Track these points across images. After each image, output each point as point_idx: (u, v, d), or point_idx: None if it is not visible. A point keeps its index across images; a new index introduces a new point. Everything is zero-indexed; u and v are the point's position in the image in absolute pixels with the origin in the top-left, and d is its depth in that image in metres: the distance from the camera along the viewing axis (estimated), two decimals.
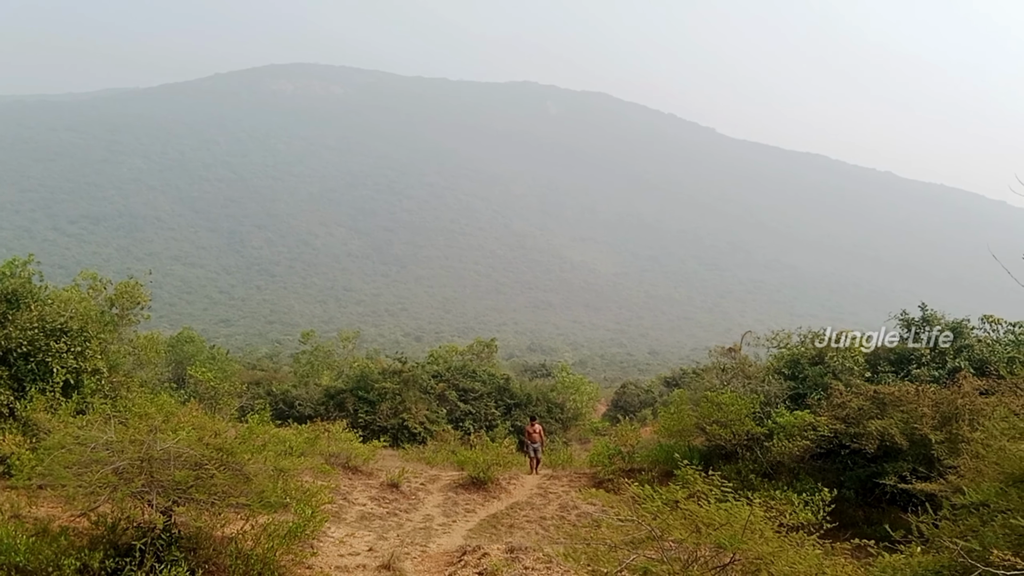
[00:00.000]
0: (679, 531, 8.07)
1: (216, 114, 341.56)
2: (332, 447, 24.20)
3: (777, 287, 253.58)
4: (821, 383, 23.89)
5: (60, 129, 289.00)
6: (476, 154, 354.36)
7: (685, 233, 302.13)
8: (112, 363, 19.76)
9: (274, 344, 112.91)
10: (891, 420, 18.59)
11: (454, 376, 42.75)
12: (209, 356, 42.18)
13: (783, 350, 28.50)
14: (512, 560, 14.45)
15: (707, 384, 28.09)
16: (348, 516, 19.27)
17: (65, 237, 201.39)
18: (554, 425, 43.24)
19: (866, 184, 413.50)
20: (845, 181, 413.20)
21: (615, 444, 28.85)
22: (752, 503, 8.15)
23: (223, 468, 11.89)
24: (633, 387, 65.37)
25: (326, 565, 14.12)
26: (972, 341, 25.01)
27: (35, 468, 12.63)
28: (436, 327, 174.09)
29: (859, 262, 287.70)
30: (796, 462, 20.88)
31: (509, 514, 21.67)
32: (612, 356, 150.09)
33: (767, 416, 22.56)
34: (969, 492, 7.40)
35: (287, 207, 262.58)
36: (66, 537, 11.76)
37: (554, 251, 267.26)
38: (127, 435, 11.90)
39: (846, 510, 18.02)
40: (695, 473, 9.04)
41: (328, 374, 47.65)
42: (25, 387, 17.28)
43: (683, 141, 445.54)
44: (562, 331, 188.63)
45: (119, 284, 22.37)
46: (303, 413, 37.08)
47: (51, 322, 17.98)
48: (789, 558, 7.54)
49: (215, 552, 12.50)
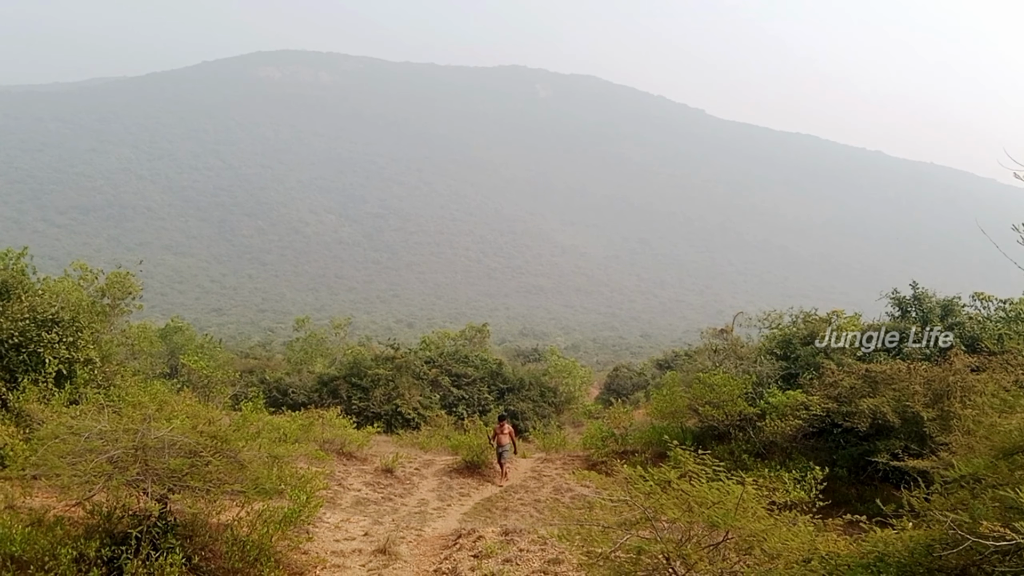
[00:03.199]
0: (672, 511, 8.12)
1: (204, 102, 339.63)
2: (326, 433, 24.24)
3: (768, 268, 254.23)
4: (813, 362, 24.01)
5: (47, 119, 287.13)
6: (465, 139, 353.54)
7: (676, 216, 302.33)
8: (105, 353, 19.72)
9: (266, 332, 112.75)
10: (883, 398, 18.69)
11: (447, 362, 42.78)
12: (199, 345, 42.08)
13: (775, 330, 28.64)
14: (507, 542, 14.53)
15: (699, 366, 28.20)
16: (343, 501, 19.31)
17: (55, 228, 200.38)
18: (547, 409, 43.34)
19: (856, 163, 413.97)
20: (835, 161, 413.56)
21: (608, 426, 28.96)
22: (744, 482, 8.20)
23: (218, 455, 11.91)
24: (625, 370, 65.53)
25: (322, 550, 14.18)
26: (963, 318, 25.15)
27: (29, 459, 12.63)
28: (428, 313, 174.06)
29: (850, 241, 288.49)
30: (789, 441, 21.00)
31: (503, 497, 21.75)
32: (604, 340, 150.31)
33: (759, 396, 22.68)
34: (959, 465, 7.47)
35: (277, 195, 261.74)
36: (62, 527, 11.77)
37: (544, 235, 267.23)
38: (121, 424, 11.89)
39: (839, 488, 18.14)
40: (687, 453, 9.08)
41: (321, 361, 47.64)
42: (17, 378, 17.24)
43: (673, 123, 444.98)
44: (554, 315, 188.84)
45: (110, 274, 22.29)
46: (297, 400, 37.07)
47: (42, 312, 17.93)
48: (782, 535, 7.60)
49: (211, 539, 12.53)
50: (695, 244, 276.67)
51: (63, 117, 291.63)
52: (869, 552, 6.03)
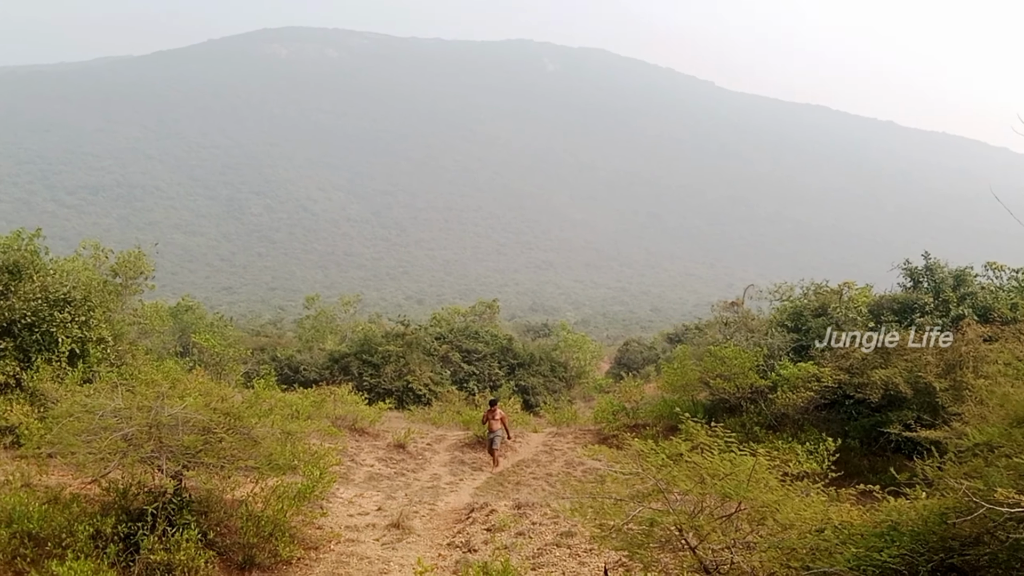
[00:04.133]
0: (684, 483, 8.13)
1: (211, 81, 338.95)
2: (338, 410, 24.34)
3: (779, 240, 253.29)
4: (824, 334, 23.94)
5: (54, 99, 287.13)
6: (473, 115, 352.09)
7: (685, 189, 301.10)
8: (117, 332, 19.82)
9: (277, 310, 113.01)
10: (895, 369, 18.66)
11: (457, 338, 42.84)
12: (209, 324, 42.22)
13: (786, 303, 28.54)
14: (520, 516, 14.60)
15: (710, 339, 28.15)
16: (356, 477, 19.43)
17: (64, 208, 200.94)
18: (558, 384, 43.42)
19: (867, 134, 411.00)
20: (846, 132, 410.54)
21: (619, 401, 29.00)
22: (756, 454, 8.20)
23: (231, 432, 11.98)
24: (636, 344, 65.53)
25: (336, 525, 14.27)
26: (976, 288, 25.02)
27: (44, 437, 12.74)
28: (438, 290, 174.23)
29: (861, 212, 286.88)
30: (800, 413, 21.00)
31: (515, 471, 21.85)
32: (614, 314, 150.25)
33: (770, 369, 22.65)
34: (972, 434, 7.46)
35: (285, 173, 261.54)
36: (78, 504, 11.88)
37: (554, 210, 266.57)
38: (135, 402, 11.97)
39: (851, 459, 18.14)
40: (699, 426, 9.08)
41: (332, 339, 47.74)
42: (31, 357, 17.35)
43: (682, 95, 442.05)
44: (563, 290, 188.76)
45: (122, 253, 22.33)
46: (308, 378, 37.21)
47: (54, 292, 18.00)
48: (795, 505, 7.60)
49: (226, 515, 12.63)
50: (705, 217, 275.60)
51: (70, 97, 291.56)
52: (882, 521, 6.03)
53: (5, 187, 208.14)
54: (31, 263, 18.52)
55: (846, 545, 6.16)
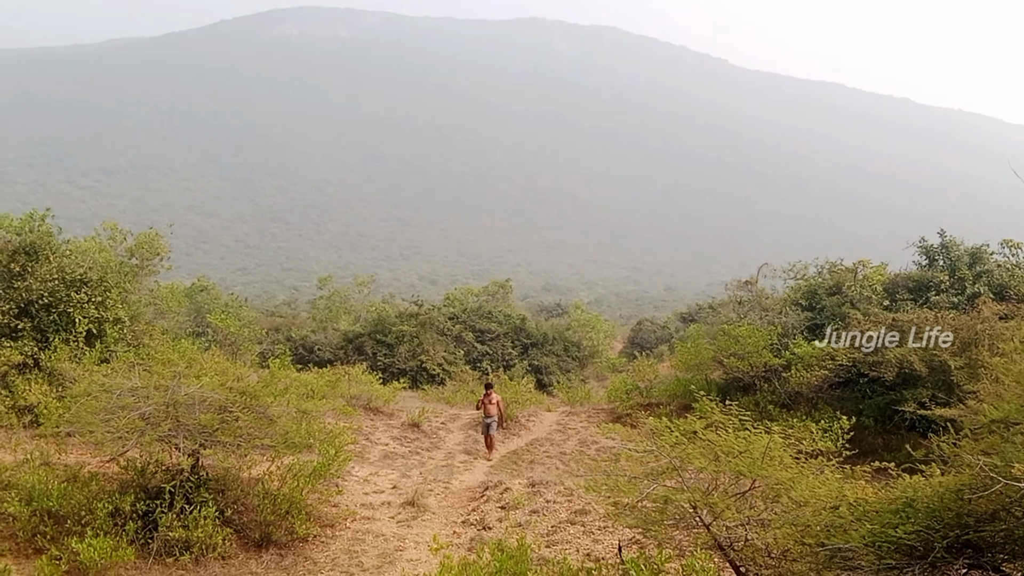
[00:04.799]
0: (699, 460, 8.14)
1: (223, 61, 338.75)
2: (353, 389, 24.47)
3: (793, 219, 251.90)
4: (839, 313, 23.86)
5: (67, 81, 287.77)
6: (484, 94, 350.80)
7: (698, 168, 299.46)
8: (133, 312, 19.94)
9: (291, 291, 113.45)
10: (910, 347, 18.57)
11: (470, 318, 42.92)
12: (224, 305, 42.43)
13: (800, 281, 28.45)
14: (534, 494, 14.66)
15: (724, 318, 28.13)
16: (371, 455, 19.55)
17: (79, 190, 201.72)
18: (571, 363, 43.48)
19: (883, 111, 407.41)
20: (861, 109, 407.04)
21: (632, 380, 29.06)
22: (771, 432, 8.20)
23: (247, 411, 12.05)
24: (649, 324, 65.49)
25: (351, 503, 14.38)
26: (992, 266, 24.87)
27: (63, 416, 12.86)
28: (451, 270, 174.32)
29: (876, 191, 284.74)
30: (814, 392, 20.97)
31: (529, 450, 21.94)
32: (627, 294, 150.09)
33: (785, 347, 22.60)
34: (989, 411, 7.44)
35: (298, 154, 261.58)
36: (96, 482, 12.00)
37: (566, 190, 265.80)
38: (152, 381, 12.06)
39: (865, 438, 18.12)
40: (713, 404, 9.08)
41: (346, 319, 47.93)
42: (49, 338, 17.49)
43: (695, 73, 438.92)
44: (576, 270, 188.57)
45: (139, 235, 22.45)
46: (323, 358, 37.41)
47: (70, 273, 18.12)
48: (809, 483, 7.61)
49: (243, 493, 12.74)
50: (718, 197, 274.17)
51: (83, 79, 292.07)
52: (897, 498, 6.03)
53: (20, 169, 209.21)
54: (47, 244, 18.63)
55: (861, 522, 6.16)
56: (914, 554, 5.76)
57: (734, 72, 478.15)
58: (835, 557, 6.30)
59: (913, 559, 5.80)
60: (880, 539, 5.78)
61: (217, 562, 11.42)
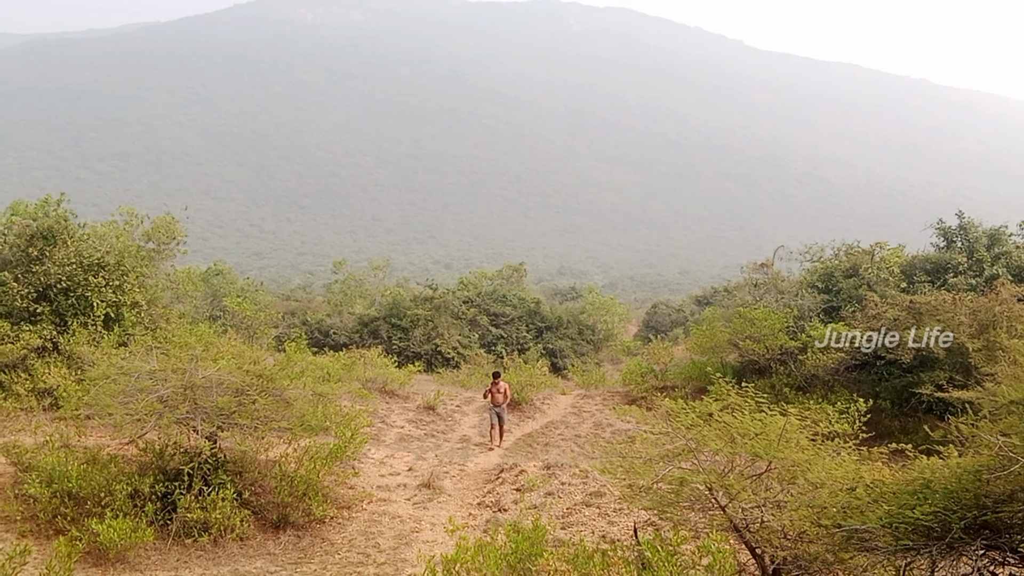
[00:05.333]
0: (715, 442, 8.13)
1: (237, 46, 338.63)
2: (368, 372, 24.56)
3: (809, 201, 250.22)
4: (856, 295, 23.74)
5: (84, 67, 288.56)
6: (498, 76, 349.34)
7: (714, 150, 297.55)
8: (150, 296, 20.07)
9: (306, 275, 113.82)
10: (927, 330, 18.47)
11: (485, 301, 42.92)
12: (240, 289, 42.62)
13: (816, 264, 28.32)
14: (549, 476, 14.69)
15: (739, 301, 28.03)
16: (387, 438, 19.64)
17: (96, 175, 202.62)
18: (586, 346, 43.46)
19: (900, 92, 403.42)
20: (879, 90, 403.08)
21: (647, 363, 29.04)
22: (787, 414, 8.19)
23: (264, 394, 12.15)
24: (664, 307, 65.32)
25: (368, 485, 14.45)
26: (1010, 248, 24.67)
27: (82, 399, 12.98)
28: (465, 254, 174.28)
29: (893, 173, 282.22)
30: (830, 374, 20.91)
31: (544, 433, 21.99)
32: (642, 277, 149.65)
33: (801, 330, 22.52)
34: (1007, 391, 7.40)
35: (312, 138, 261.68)
36: (116, 464, 12.12)
37: (580, 173, 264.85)
38: (169, 364, 12.16)
39: (882, 420, 18.07)
40: (729, 386, 9.05)
41: (361, 303, 48.04)
42: (67, 321, 17.63)
43: (710, 56, 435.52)
44: (591, 254, 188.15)
45: (156, 219, 22.55)
46: (338, 341, 37.52)
47: (88, 257, 18.24)
48: (825, 465, 7.59)
49: (260, 475, 12.84)
50: (734, 179, 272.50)
51: (99, 64, 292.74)
52: (915, 479, 6.01)
53: (38, 154, 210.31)
54: (64, 228, 18.76)
55: (878, 503, 6.14)
56: (931, 535, 5.75)
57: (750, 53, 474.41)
58: (852, 538, 6.29)
59: (930, 540, 5.78)
60: (897, 520, 5.76)
61: (235, 543, 11.53)
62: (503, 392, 19.42)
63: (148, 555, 10.96)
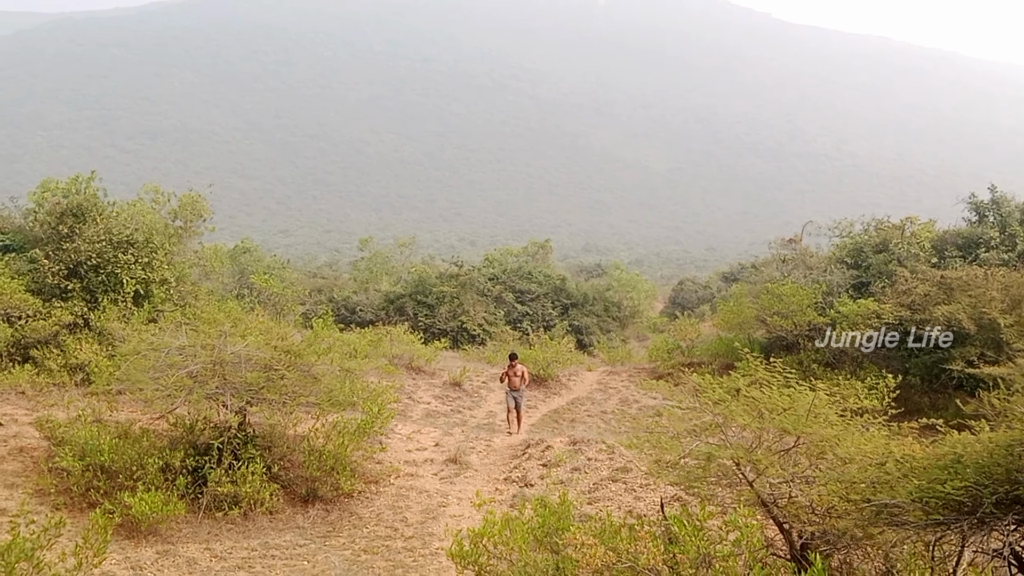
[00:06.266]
0: (742, 417, 8.09)
1: (261, 23, 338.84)
2: (395, 349, 24.69)
3: (838, 177, 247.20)
4: (885, 270, 23.50)
5: (111, 45, 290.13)
6: (523, 52, 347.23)
7: (741, 125, 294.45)
8: (179, 273, 20.25)
9: (333, 252, 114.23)
10: (958, 305, 18.26)
11: (510, 278, 42.93)
12: (267, 266, 42.88)
13: (845, 239, 28.04)
14: (575, 452, 14.73)
15: (767, 277, 27.85)
16: (413, 414, 19.76)
17: (124, 154, 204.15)
18: (611, 323, 43.40)
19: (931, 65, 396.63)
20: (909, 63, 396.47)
21: (674, 339, 28.96)
22: (815, 389, 8.12)
23: (292, 369, 12.24)
24: (690, 283, 65.03)
25: (395, 460, 14.56)
26: None
27: (113, 374, 13.16)
28: (490, 231, 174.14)
29: (924, 147, 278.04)
30: (859, 350, 20.73)
31: (570, 409, 22.04)
32: (668, 254, 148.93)
33: (829, 306, 22.34)
34: None
35: (337, 115, 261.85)
36: (147, 438, 12.28)
37: (606, 150, 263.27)
38: (199, 340, 12.27)
39: (911, 397, 17.93)
40: (757, 361, 8.99)
41: (387, 280, 48.20)
42: (98, 298, 17.85)
43: (738, 28, 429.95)
44: (617, 231, 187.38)
45: (182, 196, 22.70)
46: (364, 318, 37.73)
47: (117, 234, 18.41)
48: (854, 440, 7.53)
49: (289, 449, 12.97)
50: (762, 154, 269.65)
51: (125, 43, 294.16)
52: (945, 454, 5.94)
53: (66, 133, 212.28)
54: (94, 206, 18.94)
55: (908, 478, 6.09)
56: (962, 509, 5.70)
57: (778, 26, 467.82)
58: (881, 513, 6.24)
59: (961, 515, 5.74)
60: (928, 495, 5.71)
61: (265, 517, 11.68)
62: (521, 375, 18.52)
63: (180, 528, 11.13)
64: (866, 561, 7.46)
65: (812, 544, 7.42)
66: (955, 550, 6.58)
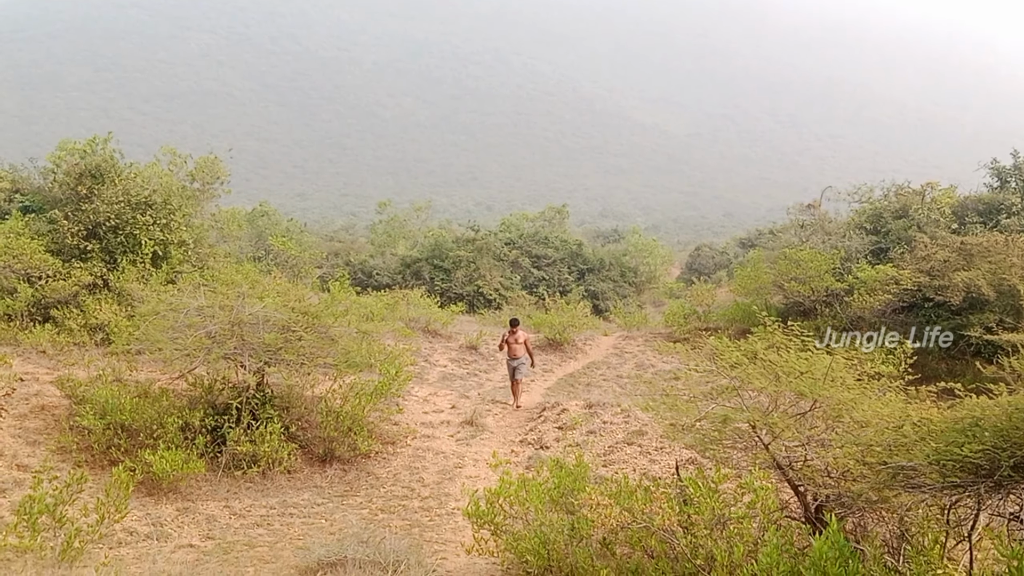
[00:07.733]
0: (759, 380, 8.08)
1: None
2: (411, 312, 24.80)
3: (858, 142, 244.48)
4: (905, 236, 23.32)
5: (127, 6, 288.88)
6: (541, 14, 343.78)
7: (760, 90, 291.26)
8: (197, 235, 20.34)
9: (349, 216, 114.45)
10: (978, 271, 18.13)
11: (526, 243, 42.89)
12: (284, 229, 42.99)
13: (865, 204, 27.81)
14: (591, 415, 14.79)
15: (785, 242, 27.72)
16: (430, 376, 19.87)
17: (141, 116, 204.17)
18: (627, 289, 43.34)
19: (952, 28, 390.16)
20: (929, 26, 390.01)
21: (690, 304, 28.90)
22: (833, 353, 8.10)
23: (309, 331, 12.31)
24: (707, 249, 64.76)
25: (412, 421, 14.67)
26: None
27: (133, 334, 13.27)
28: (507, 195, 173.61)
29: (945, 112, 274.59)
30: (877, 316, 20.65)
31: (586, 373, 22.10)
32: (685, 219, 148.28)
33: (847, 271, 22.22)
34: None
35: (353, 79, 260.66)
36: (167, 398, 12.42)
37: (624, 114, 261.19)
38: (217, 301, 12.35)
39: (928, 363, 17.85)
40: (774, 325, 8.96)
41: (403, 244, 48.26)
42: (116, 259, 17.97)
43: None
44: (633, 196, 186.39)
45: (199, 159, 22.74)
46: (381, 282, 37.85)
47: (135, 196, 18.49)
48: (871, 404, 7.52)
49: (307, 410, 13.09)
50: (780, 119, 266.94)
51: (142, 4, 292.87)
52: (963, 417, 5.92)
53: (84, 95, 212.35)
54: (112, 167, 19.00)
55: (925, 441, 6.08)
56: (980, 472, 5.69)
57: None
58: (897, 476, 6.24)
59: (978, 478, 5.73)
60: (945, 457, 5.70)
61: (283, 476, 11.83)
62: (522, 343, 16.99)
63: (199, 486, 11.28)
64: (880, 524, 7.47)
65: (827, 507, 7.43)
66: (971, 513, 6.58)
